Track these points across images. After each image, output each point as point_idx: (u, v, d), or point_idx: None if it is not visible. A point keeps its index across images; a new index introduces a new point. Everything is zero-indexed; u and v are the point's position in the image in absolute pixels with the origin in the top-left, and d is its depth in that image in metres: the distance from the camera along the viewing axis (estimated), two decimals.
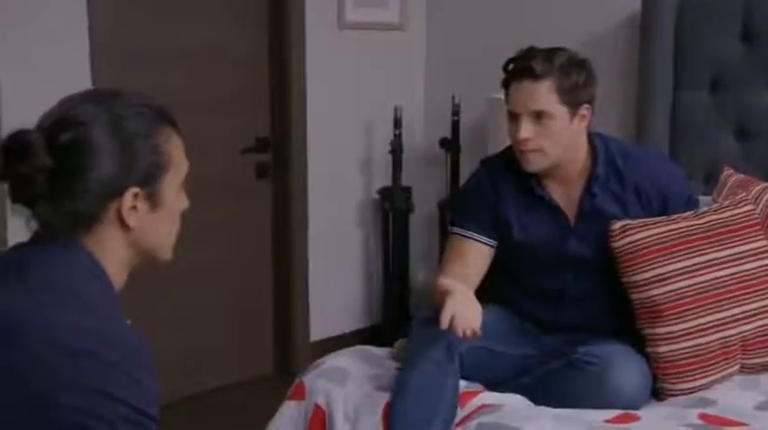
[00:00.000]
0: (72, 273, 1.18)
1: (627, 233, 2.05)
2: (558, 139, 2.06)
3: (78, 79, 2.85)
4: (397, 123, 3.57)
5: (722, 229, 2.07)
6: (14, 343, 1.10)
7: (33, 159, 1.14)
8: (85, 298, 1.16)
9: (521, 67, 2.03)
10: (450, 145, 3.59)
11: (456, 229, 2.21)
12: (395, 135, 3.58)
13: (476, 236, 2.17)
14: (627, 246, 2.05)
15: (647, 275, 2.03)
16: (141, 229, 1.23)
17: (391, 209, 3.65)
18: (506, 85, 2.09)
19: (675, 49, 2.95)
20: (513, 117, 2.07)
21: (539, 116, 2.03)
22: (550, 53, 2.04)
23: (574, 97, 2.04)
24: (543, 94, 2.01)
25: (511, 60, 2.07)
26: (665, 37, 2.94)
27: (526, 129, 2.03)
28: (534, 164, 2.08)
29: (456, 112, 3.55)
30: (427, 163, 3.84)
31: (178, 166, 1.27)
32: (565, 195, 2.13)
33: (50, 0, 2.79)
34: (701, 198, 2.32)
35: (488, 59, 3.53)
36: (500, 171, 2.20)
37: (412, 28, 3.83)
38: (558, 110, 2.03)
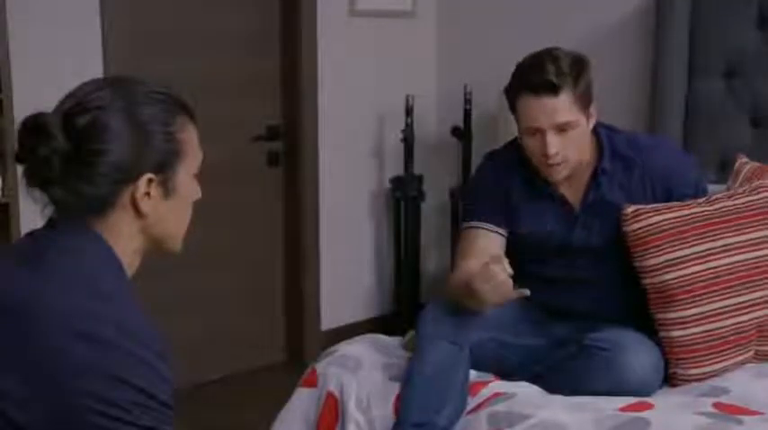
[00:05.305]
0: (85, 259, 1.18)
1: (639, 217, 2.05)
2: (580, 145, 2.05)
3: (90, 65, 2.86)
4: (409, 112, 3.56)
5: (736, 215, 2.06)
6: (29, 328, 1.11)
7: (51, 141, 1.14)
8: (99, 283, 1.16)
9: (538, 82, 1.96)
10: (462, 134, 3.58)
11: (467, 224, 2.21)
12: (406, 124, 3.57)
13: (487, 226, 2.17)
14: (639, 231, 2.04)
15: (658, 260, 2.03)
16: (154, 216, 1.24)
17: (403, 197, 3.65)
18: (517, 97, 2.02)
19: (690, 37, 2.93)
20: (534, 132, 2.01)
21: (562, 128, 1.99)
22: (556, 59, 1.98)
23: (587, 100, 2.03)
24: (565, 105, 1.97)
25: (522, 73, 2.01)
26: (679, 24, 2.92)
27: (554, 144, 1.99)
28: (562, 173, 2.06)
29: (468, 101, 3.54)
30: (439, 152, 3.83)
31: (193, 156, 1.27)
32: (570, 186, 2.13)
33: None
34: (715, 187, 2.31)
35: (500, 48, 3.54)
36: (505, 164, 2.19)
37: (423, 16, 3.81)
38: (579, 117, 2.01)
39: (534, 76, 1.98)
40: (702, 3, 2.90)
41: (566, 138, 2.00)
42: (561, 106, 1.97)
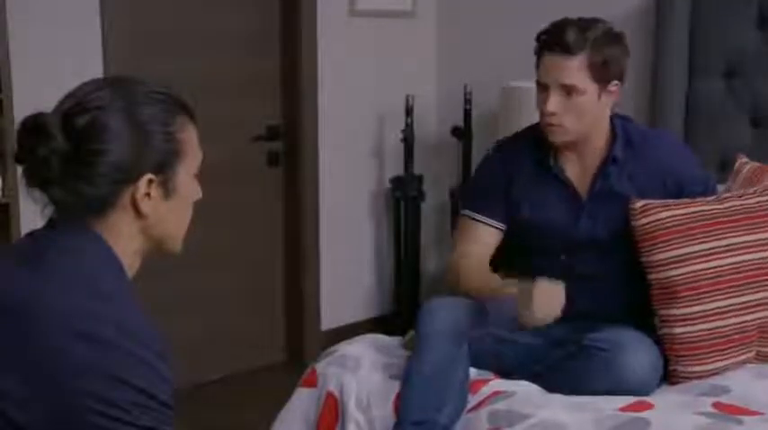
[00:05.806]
0: (85, 259, 1.18)
1: (647, 212, 2.04)
2: (583, 115, 2.05)
3: (90, 65, 2.86)
4: (409, 112, 3.56)
5: (745, 215, 2.06)
6: (29, 328, 1.11)
7: (50, 142, 1.14)
8: (99, 283, 1.16)
9: (554, 39, 2.01)
10: (462, 134, 3.58)
11: (466, 212, 2.22)
12: (406, 124, 3.57)
13: (484, 219, 2.18)
14: (647, 226, 2.04)
15: (665, 255, 2.02)
16: (154, 217, 1.23)
17: (403, 197, 3.65)
18: (539, 55, 2.06)
19: (690, 37, 2.93)
20: (542, 88, 2.05)
21: (568, 90, 2.01)
22: (586, 26, 2.02)
23: (605, 73, 2.02)
24: (574, 69, 1.99)
25: (545, 31, 2.05)
26: (679, 24, 2.92)
27: (553, 103, 2.02)
28: (559, 136, 2.07)
29: (468, 101, 3.54)
30: (439, 152, 3.83)
31: (193, 156, 1.27)
32: (580, 172, 2.13)
33: None
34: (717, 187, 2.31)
35: (500, 48, 3.54)
36: (514, 151, 2.20)
37: (423, 16, 3.81)
38: (589, 86, 2.01)
39: (555, 35, 2.02)
40: (702, 3, 2.90)
41: (569, 102, 2.01)
42: (572, 66, 1.99)
